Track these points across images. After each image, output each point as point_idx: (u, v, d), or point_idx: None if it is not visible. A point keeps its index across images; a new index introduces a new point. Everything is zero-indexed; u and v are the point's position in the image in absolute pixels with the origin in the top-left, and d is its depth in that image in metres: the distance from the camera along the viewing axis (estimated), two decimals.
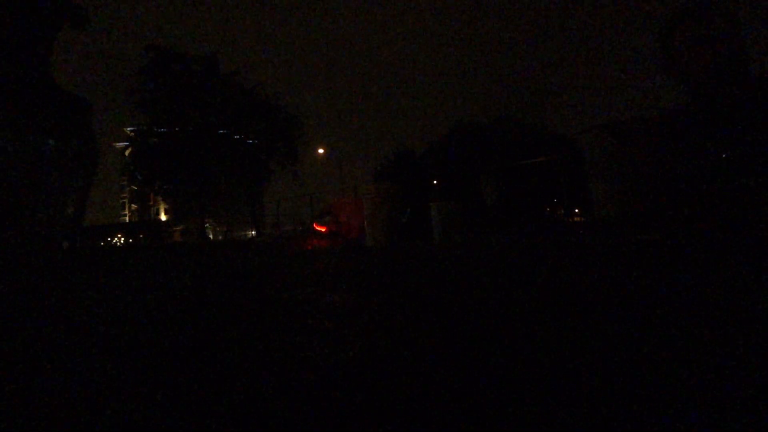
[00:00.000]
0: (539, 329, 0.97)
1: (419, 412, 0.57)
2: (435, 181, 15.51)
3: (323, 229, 9.62)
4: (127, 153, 23.47)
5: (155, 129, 21.01)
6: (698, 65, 2.59)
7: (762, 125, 2.32)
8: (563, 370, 0.69)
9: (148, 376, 0.79)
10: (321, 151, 29.46)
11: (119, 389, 0.72)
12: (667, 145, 3.03)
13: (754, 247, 2.13)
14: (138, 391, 0.71)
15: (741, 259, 1.94)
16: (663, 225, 3.08)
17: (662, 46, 2.87)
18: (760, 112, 2.35)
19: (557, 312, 1.14)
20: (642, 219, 3.46)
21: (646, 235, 3.36)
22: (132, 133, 23.29)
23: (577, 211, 11.51)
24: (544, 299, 1.33)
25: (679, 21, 2.76)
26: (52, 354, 0.97)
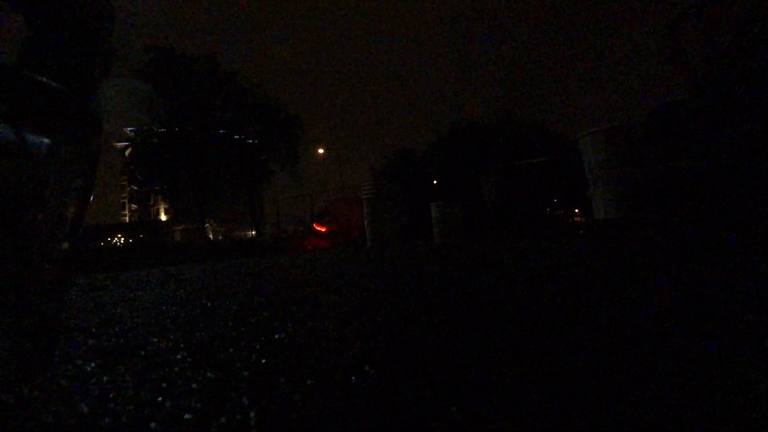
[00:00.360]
0: (540, 330, 0.97)
1: (419, 413, 0.57)
2: (435, 181, 15.51)
3: (323, 229, 9.63)
4: (127, 153, 23.48)
5: (155, 129, 21.01)
6: (703, 59, 2.61)
7: (761, 121, 2.33)
8: (564, 372, 0.69)
9: (157, 372, 0.79)
10: (321, 151, 29.48)
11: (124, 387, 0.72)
12: (661, 148, 3.07)
13: (748, 245, 2.14)
14: (144, 389, 0.70)
15: (735, 258, 1.94)
16: (659, 226, 3.10)
17: (668, 39, 2.91)
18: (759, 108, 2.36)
19: (557, 314, 1.13)
20: (639, 220, 3.48)
21: (644, 236, 3.37)
22: (132, 133, 23.29)
23: (577, 211, 11.50)
24: (543, 301, 1.33)
25: (686, 14, 2.80)
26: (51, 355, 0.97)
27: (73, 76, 0.77)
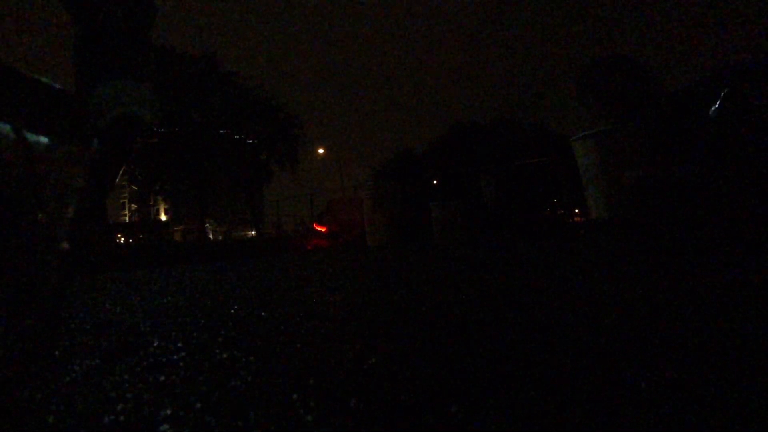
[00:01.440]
0: (538, 330, 0.97)
1: (419, 412, 0.57)
2: (435, 181, 15.48)
3: (323, 229, 9.63)
4: None
5: (155, 129, 20.96)
6: (613, 107, 3.18)
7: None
8: (563, 371, 0.69)
9: (157, 372, 0.79)
10: (321, 150, 29.48)
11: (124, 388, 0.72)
12: (645, 153, 3.32)
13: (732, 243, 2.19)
14: (144, 389, 0.70)
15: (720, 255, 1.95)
16: (648, 226, 3.21)
17: (579, 96, 3.47)
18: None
19: (555, 313, 1.13)
20: (629, 220, 3.55)
21: (636, 236, 3.40)
22: None
23: (576, 211, 11.50)
24: (541, 300, 1.33)
25: (590, 74, 3.37)
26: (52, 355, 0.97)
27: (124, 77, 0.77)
